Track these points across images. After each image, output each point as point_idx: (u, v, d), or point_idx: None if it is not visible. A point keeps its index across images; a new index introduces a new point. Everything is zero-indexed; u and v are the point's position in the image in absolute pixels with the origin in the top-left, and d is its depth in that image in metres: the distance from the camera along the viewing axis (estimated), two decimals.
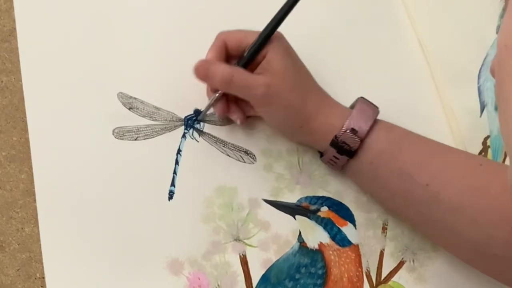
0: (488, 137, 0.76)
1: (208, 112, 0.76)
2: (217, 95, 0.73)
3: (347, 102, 0.75)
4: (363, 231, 0.75)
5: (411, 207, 0.70)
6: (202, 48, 0.75)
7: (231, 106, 0.74)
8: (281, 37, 0.72)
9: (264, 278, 0.72)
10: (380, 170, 0.70)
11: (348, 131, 0.70)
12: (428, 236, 0.74)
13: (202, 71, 0.70)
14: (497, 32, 0.79)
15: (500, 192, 0.64)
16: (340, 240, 0.74)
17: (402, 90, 0.82)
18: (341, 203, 0.76)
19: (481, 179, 0.67)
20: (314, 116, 0.71)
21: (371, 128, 0.70)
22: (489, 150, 0.75)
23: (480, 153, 0.76)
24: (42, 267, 0.68)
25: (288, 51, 0.72)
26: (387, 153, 0.70)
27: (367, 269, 0.74)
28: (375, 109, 0.72)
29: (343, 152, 0.71)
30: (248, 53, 0.71)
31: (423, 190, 0.67)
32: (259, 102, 0.71)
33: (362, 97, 0.73)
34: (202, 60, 0.71)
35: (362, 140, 0.70)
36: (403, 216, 0.73)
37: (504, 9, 0.78)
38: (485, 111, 0.76)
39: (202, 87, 0.76)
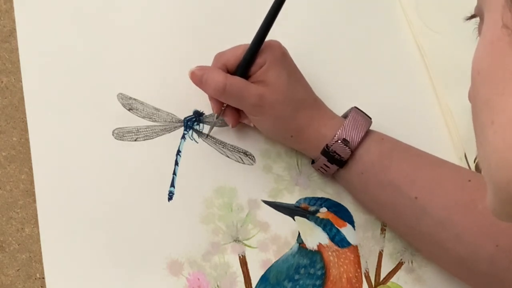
0: None
1: (207, 114, 0.76)
2: (222, 108, 0.73)
3: (344, 105, 0.75)
4: (362, 232, 0.75)
5: (400, 219, 0.71)
6: (202, 49, 0.76)
7: (241, 112, 0.74)
8: (279, 46, 0.72)
9: (264, 278, 0.72)
10: (370, 181, 0.71)
11: (339, 141, 0.70)
12: (416, 249, 0.74)
13: (196, 78, 0.71)
14: None
15: (486, 209, 0.65)
16: (339, 241, 0.74)
17: (400, 92, 0.82)
18: (340, 204, 0.76)
19: (469, 195, 0.67)
20: (305, 127, 0.72)
21: (363, 139, 0.71)
22: None
23: None
24: (42, 267, 0.68)
25: (285, 62, 0.72)
26: (377, 165, 0.70)
27: (366, 270, 0.74)
28: (368, 119, 0.72)
29: (333, 161, 0.71)
30: (242, 62, 0.71)
31: (412, 203, 0.68)
32: (251, 111, 0.72)
33: (355, 107, 0.73)
34: (198, 66, 0.71)
35: (353, 151, 0.70)
36: (393, 227, 0.74)
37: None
38: None
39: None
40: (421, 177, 0.70)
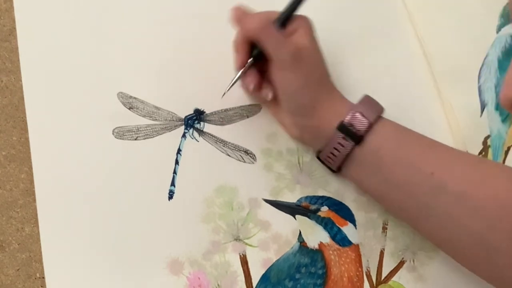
0: (488, 136, 0.76)
1: (208, 112, 0.76)
2: (249, 60, 0.71)
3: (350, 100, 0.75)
4: (363, 231, 0.75)
5: (414, 198, 0.68)
6: (202, 47, 0.75)
7: (262, 80, 0.73)
8: (311, 22, 0.72)
9: (264, 277, 0.72)
10: (385, 159, 0.69)
11: (357, 113, 0.69)
12: (427, 234, 0.72)
13: (237, 14, 0.70)
14: (497, 32, 0.78)
15: (504, 183, 0.64)
16: (340, 240, 0.74)
17: (402, 90, 0.82)
18: (341, 202, 0.75)
19: (485, 171, 0.66)
20: (327, 99, 0.71)
21: (377, 118, 0.70)
22: (489, 150, 0.75)
23: (480, 152, 0.76)
24: (42, 267, 0.68)
25: (314, 36, 0.72)
26: (392, 141, 0.69)
27: (367, 269, 0.74)
28: (380, 105, 0.72)
29: (350, 135, 0.69)
30: (280, 17, 0.70)
31: (428, 179, 0.67)
32: (285, 64, 0.70)
33: (367, 95, 0.73)
34: (238, 5, 0.71)
35: (370, 125, 0.69)
36: (404, 212, 0.71)
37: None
38: (485, 110, 0.76)
39: (203, 87, 0.77)
40: (436, 153, 0.69)
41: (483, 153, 0.76)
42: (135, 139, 0.74)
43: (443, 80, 0.81)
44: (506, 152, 0.73)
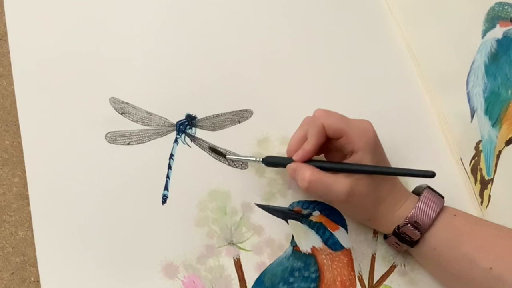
0: (480, 141, 0.77)
1: (200, 117, 0.77)
2: None
3: (341, 109, 0.75)
4: (355, 235, 0.76)
5: None
6: (194, 54, 0.76)
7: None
8: (372, 130, 0.71)
9: (258, 281, 0.72)
10: (443, 256, 0.70)
11: (409, 224, 0.70)
12: None
13: (291, 172, 0.71)
14: (482, 37, 0.79)
15: None
16: (332, 244, 0.74)
17: (393, 98, 0.83)
18: (332, 207, 0.76)
19: None
20: (383, 215, 0.72)
21: (435, 219, 0.70)
22: (482, 155, 0.76)
23: (473, 157, 0.77)
24: (37, 270, 0.68)
25: (376, 150, 0.71)
26: (450, 240, 0.70)
27: (359, 273, 0.74)
28: (440, 199, 0.72)
29: (404, 241, 0.71)
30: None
31: (487, 274, 0.67)
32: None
33: (428, 186, 0.73)
34: (294, 163, 0.71)
35: (422, 234, 0.70)
36: None
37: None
38: (475, 116, 0.77)
39: (194, 92, 0.77)
40: (495, 247, 0.69)
41: (476, 158, 0.77)
42: (128, 144, 0.74)
43: (433, 87, 0.82)
44: (498, 156, 0.74)
